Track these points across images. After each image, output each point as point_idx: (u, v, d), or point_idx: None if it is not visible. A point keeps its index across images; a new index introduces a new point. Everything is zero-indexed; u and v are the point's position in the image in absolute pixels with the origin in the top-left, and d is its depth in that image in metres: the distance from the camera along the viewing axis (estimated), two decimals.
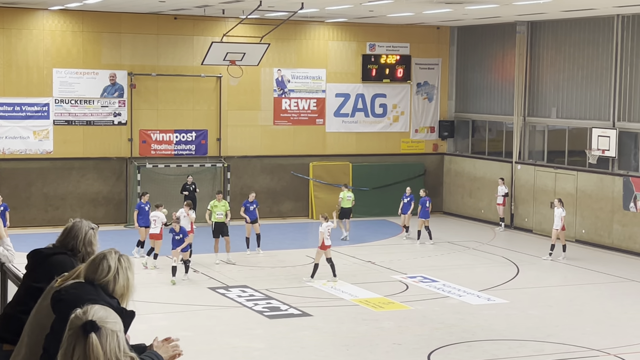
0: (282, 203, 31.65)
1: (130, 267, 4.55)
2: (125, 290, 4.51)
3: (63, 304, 4.37)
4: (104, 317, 3.56)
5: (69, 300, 4.36)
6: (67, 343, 3.50)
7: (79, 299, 4.34)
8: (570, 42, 29.13)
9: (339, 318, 18.89)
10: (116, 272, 4.43)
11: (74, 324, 3.53)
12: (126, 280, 4.50)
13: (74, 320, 3.55)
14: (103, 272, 4.45)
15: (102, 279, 4.43)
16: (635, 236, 26.36)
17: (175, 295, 20.83)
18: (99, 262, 4.50)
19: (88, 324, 3.51)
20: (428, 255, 26.10)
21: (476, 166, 32.74)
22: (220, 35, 29.63)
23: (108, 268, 4.44)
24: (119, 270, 4.46)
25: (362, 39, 32.77)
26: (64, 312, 4.38)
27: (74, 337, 3.49)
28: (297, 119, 32.19)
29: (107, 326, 3.52)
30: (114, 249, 4.60)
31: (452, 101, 34.25)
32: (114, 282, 4.42)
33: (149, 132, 30.34)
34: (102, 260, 4.49)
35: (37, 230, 27.34)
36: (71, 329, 3.52)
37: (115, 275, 4.43)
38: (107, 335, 3.49)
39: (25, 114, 28.87)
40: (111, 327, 3.53)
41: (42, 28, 28.94)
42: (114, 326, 3.54)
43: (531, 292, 21.62)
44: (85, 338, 3.46)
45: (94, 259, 4.52)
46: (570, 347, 16.92)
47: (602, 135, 27.34)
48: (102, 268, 4.45)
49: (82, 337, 3.47)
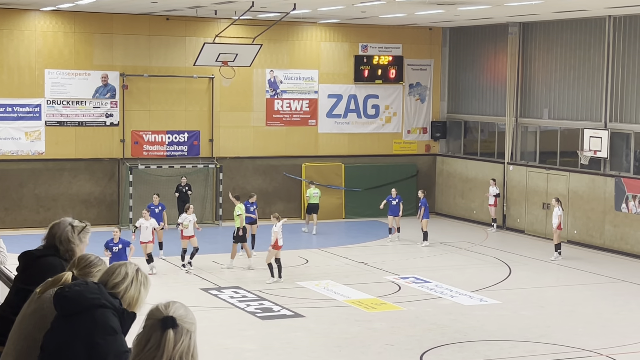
0: (275, 204, 31.62)
1: (145, 284, 4.59)
2: (133, 302, 4.54)
3: (66, 301, 4.37)
4: (183, 315, 3.66)
5: (70, 297, 4.36)
6: (144, 332, 3.62)
7: (82, 297, 4.35)
8: (562, 43, 29.19)
9: (332, 319, 18.89)
10: (130, 281, 4.48)
11: (154, 315, 3.65)
12: (137, 293, 4.54)
13: (155, 312, 3.66)
14: (118, 276, 4.49)
15: (114, 282, 4.46)
16: (626, 237, 26.42)
17: (167, 296, 20.72)
18: (116, 267, 4.55)
19: (169, 319, 3.62)
20: (420, 256, 26.12)
21: (468, 167, 32.78)
22: (213, 36, 29.60)
23: (125, 274, 4.50)
24: (134, 280, 4.51)
25: (354, 40, 32.78)
26: (65, 309, 4.38)
27: (152, 327, 3.61)
28: (289, 120, 32.18)
29: (184, 325, 3.63)
30: (135, 264, 4.64)
31: (444, 102, 34.29)
32: (125, 290, 4.46)
33: (141, 133, 30.30)
34: (121, 266, 4.55)
35: (28, 231, 27.28)
36: (150, 320, 3.64)
37: (129, 284, 4.48)
38: (182, 334, 3.60)
39: (17, 115, 28.80)
40: (187, 327, 3.64)
41: (33, 29, 28.88)
42: (190, 327, 3.65)
43: (523, 292, 21.65)
44: (163, 332, 3.57)
45: (112, 265, 4.57)
46: (562, 347, 16.95)
47: (594, 136, 27.40)
48: (119, 272, 4.50)
49: (159, 329, 3.59)
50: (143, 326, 3.64)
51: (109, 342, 4.30)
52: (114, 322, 4.37)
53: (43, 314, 4.66)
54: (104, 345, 4.29)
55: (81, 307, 4.34)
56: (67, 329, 4.34)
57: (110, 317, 4.37)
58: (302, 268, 24.17)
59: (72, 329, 4.33)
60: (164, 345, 3.57)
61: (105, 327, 4.32)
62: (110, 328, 4.34)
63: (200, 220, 30.56)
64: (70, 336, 4.32)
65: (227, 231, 26.00)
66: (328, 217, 31.94)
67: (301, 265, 24.55)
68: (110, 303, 4.39)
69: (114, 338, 4.33)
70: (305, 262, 24.84)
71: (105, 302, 4.37)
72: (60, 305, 4.40)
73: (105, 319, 4.34)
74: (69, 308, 4.36)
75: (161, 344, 3.57)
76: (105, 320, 4.34)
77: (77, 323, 4.32)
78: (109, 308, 4.38)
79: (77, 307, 4.34)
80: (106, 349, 4.29)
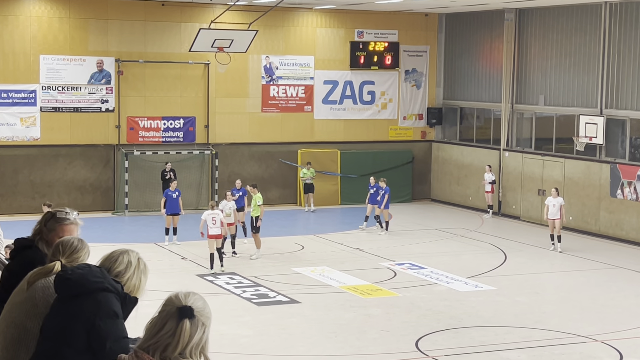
0: (270, 190, 31.62)
1: (145, 271, 4.64)
2: (134, 290, 4.57)
3: (68, 284, 4.38)
4: (201, 308, 3.68)
5: (74, 280, 4.37)
6: (160, 317, 3.62)
7: (85, 279, 4.36)
8: (558, 29, 29.16)
9: (327, 305, 18.91)
10: (133, 271, 4.53)
11: (173, 303, 3.64)
12: (138, 280, 4.58)
13: (174, 299, 3.66)
14: (121, 264, 4.52)
15: (117, 270, 4.49)
16: (622, 223, 26.46)
17: (163, 282, 20.80)
18: (118, 254, 4.56)
19: (187, 309, 3.63)
20: (416, 242, 26.15)
21: (464, 153, 32.78)
22: (208, 22, 29.53)
23: (128, 263, 4.53)
24: (136, 269, 4.55)
25: (350, 26, 32.71)
26: (68, 291, 4.38)
27: (169, 314, 3.61)
28: (285, 106, 32.14)
29: (201, 318, 3.65)
30: (136, 252, 4.66)
31: (440, 88, 34.26)
32: (129, 279, 4.50)
33: (137, 119, 30.25)
34: (123, 254, 4.57)
35: (24, 217, 27.25)
36: (168, 306, 3.64)
37: (132, 274, 4.51)
38: (197, 326, 3.62)
39: (12, 101, 28.73)
40: (203, 321, 3.65)
41: (28, 14, 28.78)
42: (206, 321, 3.67)
43: (518, 279, 21.69)
44: (179, 321, 3.58)
45: (113, 252, 4.58)
46: (557, 333, 17.00)
47: (589, 123, 27.40)
48: (121, 261, 4.53)
49: (175, 318, 3.59)
50: (159, 311, 3.64)
51: (109, 326, 4.31)
52: (117, 306, 4.38)
53: (34, 303, 4.65)
54: (104, 328, 4.29)
55: (84, 289, 4.34)
56: (68, 312, 4.34)
57: (113, 300, 4.38)
58: (297, 254, 24.20)
59: (73, 311, 4.33)
60: (178, 335, 3.58)
61: (108, 311, 4.33)
62: (113, 312, 4.35)
63: (196, 206, 30.61)
64: (71, 319, 4.32)
65: None
66: (324, 203, 31.96)
67: (297, 251, 24.57)
68: (114, 287, 4.40)
69: (115, 322, 4.34)
70: (301, 249, 24.86)
71: (108, 285, 4.38)
72: (62, 287, 4.40)
73: (108, 302, 4.35)
74: (71, 291, 4.36)
75: (176, 332, 3.58)
76: (108, 304, 4.35)
77: (78, 306, 4.33)
78: (112, 292, 4.39)
79: (80, 289, 4.34)
80: (106, 332, 4.29)
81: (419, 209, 32.26)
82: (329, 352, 15.86)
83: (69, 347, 4.30)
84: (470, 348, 16.10)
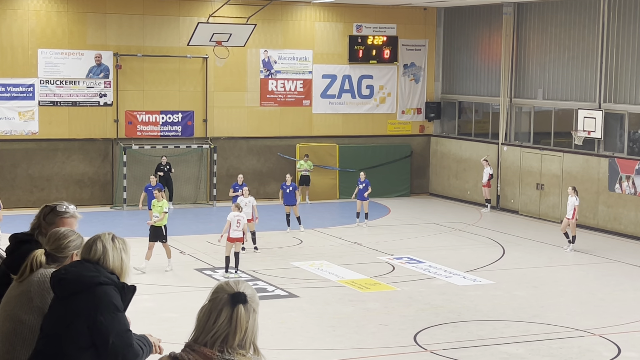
0: (269, 184, 31.63)
1: (125, 249, 4.61)
2: (120, 271, 4.56)
3: (64, 283, 4.37)
4: (251, 294, 3.70)
5: (69, 279, 4.37)
6: (213, 305, 3.64)
7: (80, 276, 4.35)
8: (557, 23, 29.14)
9: (326, 299, 18.92)
10: (111, 253, 4.49)
11: (224, 290, 3.68)
12: (120, 260, 4.56)
13: (225, 287, 3.70)
14: (97, 252, 4.50)
15: (96, 258, 4.48)
16: (620, 217, 26.47)
17: (161, 277, 20.82)
18: (92, 243, 4.56)
19: (241, 295, 3.65)
20: (414, 236, 26.16)
21: (462, 147, 32.78)
22: (207, 16, 29.49)
23: (102, 248, 4.51)
24: (113, 250, 4.53)
25: (348, 20, 32.68)
26: (64, 290, 4.38)
27: (221, 301, 3.63)
28: (283, 100, 32.12)
29: (252, 304, 3.67)
30: (110, 232, 4.64)
31: (438, 82, 34.24)
32: (108, 262, 4.48)
33: (135, 113, 30.23)
34: (96, 241, 4.56)
35: (22, 211, 27.24)
36: (219, 293, 3.67)
37: (107, 256, 4.49)
38: (250, 312, 3.64)
39: (10, 95, 28.70)
40: (254, 307, 3.68)
41: (26, 8, 28.73)
42: (256, 307, 3.69)
43: (517, 273, 21.71)
44: (233, 307, 3.61)
45: (88, 240, 4.58)
46: (555, 327, 17.02)
47: (588, 117, 27.40)
48: (96, 248, 4.52)
49: (229, 304, 3.62)
50: (210, 299, 3.64)
51: (110, 320, 4.30)
52: (116, 298, 4.38)
53: (29, 297, 4.67)
54: (106, 323, 4.29)
55: (81, 286, 4.34)
56: (67, 310, 4.34)
57: (112, 293, 4.37)
58: (296, 248, 24.20)
59: (72, 309, 4.33)
60: (235, 322, 3.58)
61: (108, 305, 4.33)
62: (113, 305, 4.35)
63: (194, 201, 30.63)
64: (71, 316, 4.32)
65: (221, 212, 25.99)
66: (322, 198, 31.97)
67: (295, 245, 24.58)
68: (110, 279, 4.40)
69: (116, 316, 4.34)
70: (299, 243, 24.87)
71: (104, 279, 4.38)
72: (59, 287, 4.40)
73: (106, 296, 4.35)
74: (68, 289, 4.36)
75: (232, 319, 3.59)
76: (107, 298, 4.34)
77: (77, 303, 4.32)
78: (109, 285, 4.38)
79: (77, 287, 4.34)
80: (108, 327, 4.29)
81: (417, 203, 32.28)
82: (327, 346, 15.87)
83: (71, 345, 4.30)
84: (469, 342, 16.12)
